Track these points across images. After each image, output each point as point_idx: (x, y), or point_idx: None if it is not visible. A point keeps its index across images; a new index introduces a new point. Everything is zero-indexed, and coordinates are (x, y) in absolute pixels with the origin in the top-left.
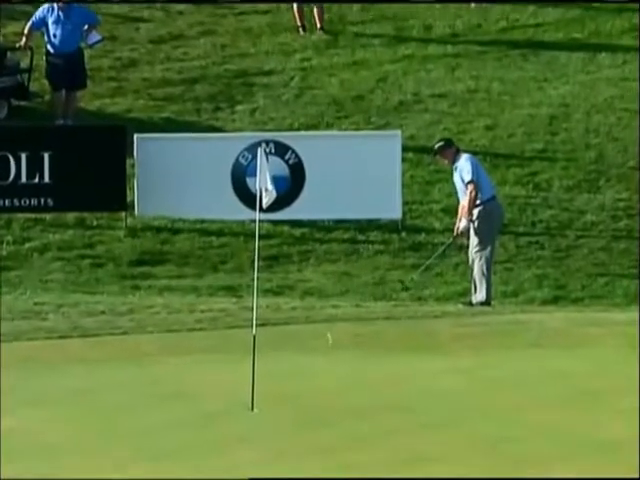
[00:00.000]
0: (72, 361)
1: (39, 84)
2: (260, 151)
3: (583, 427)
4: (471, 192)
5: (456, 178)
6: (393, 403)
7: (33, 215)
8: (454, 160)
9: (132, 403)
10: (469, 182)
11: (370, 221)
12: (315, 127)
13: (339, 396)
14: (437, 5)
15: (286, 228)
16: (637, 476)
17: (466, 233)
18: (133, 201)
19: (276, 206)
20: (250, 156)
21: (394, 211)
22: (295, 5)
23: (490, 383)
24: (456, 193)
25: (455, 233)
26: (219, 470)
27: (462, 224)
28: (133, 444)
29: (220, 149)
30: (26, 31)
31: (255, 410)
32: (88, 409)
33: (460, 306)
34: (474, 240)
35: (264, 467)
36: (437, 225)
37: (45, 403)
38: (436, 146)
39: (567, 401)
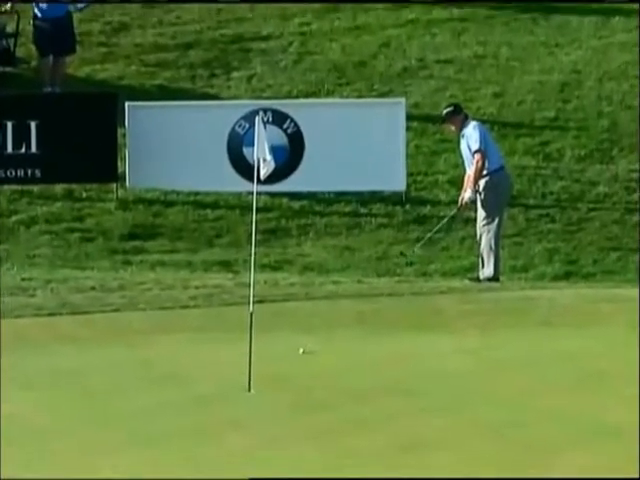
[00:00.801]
0: (61, 340)
1: (26, 49)
2: (257, 120)
3: (592, 412)
4: (477, 162)
5: (463, 146)
6: (395, 385)
7: (19, 187)
8: (462, 127)
9: (122, 385)
10: (476, 151)
11: (373, 193)
12: (315, 95)
13: (339, 377)
14: None
15: (285, 200)
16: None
17: (471, 205)
18: (124, 172)
19: (274, 177)
20: (247, 125)
21: (398, 183)
22: None
23: (497, 364)
24: (462, 163)
25: (460, 204)
26: (213, 456)
27: (467, 195)
28: (124, 428)
29: (215, 118)
30: None
31: (252, 392)
32: (77, 391)
33: (467, 282)
34: (481, 213)
35: (260, 452)
36: (443, 197)
37: (33, 385)
38: (444, 112)
39: (576, 384)
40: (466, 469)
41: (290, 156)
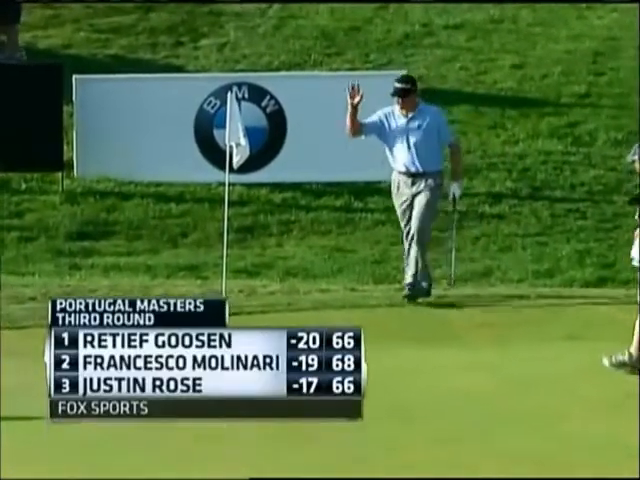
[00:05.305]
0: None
1: None
2: (230, 96)
3: (631, 438)
4: (460, 150)
5: (415, 133)
6: (396, 408)
7: None
8: (413, 108)
9: None
10: (455, 141)
11: (368, 184)
12: (299, 66)
13: None
14: None
15: (263, 192)
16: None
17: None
18: (71, 159)
19: (250, 165)
20: (218, 103)
21: None
22: None
23: (518, 383)
24: (407, 154)
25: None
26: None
27: (457, 189)
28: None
29: (181, 94)
30: None
31: None
32: (19, 413)
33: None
34: (426, 214)
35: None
36: None
37: None
38: (399, 86)
39: (612, 406)
40: None
41: (269, 140)
